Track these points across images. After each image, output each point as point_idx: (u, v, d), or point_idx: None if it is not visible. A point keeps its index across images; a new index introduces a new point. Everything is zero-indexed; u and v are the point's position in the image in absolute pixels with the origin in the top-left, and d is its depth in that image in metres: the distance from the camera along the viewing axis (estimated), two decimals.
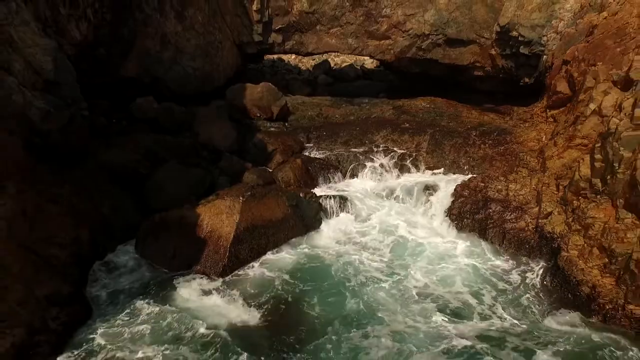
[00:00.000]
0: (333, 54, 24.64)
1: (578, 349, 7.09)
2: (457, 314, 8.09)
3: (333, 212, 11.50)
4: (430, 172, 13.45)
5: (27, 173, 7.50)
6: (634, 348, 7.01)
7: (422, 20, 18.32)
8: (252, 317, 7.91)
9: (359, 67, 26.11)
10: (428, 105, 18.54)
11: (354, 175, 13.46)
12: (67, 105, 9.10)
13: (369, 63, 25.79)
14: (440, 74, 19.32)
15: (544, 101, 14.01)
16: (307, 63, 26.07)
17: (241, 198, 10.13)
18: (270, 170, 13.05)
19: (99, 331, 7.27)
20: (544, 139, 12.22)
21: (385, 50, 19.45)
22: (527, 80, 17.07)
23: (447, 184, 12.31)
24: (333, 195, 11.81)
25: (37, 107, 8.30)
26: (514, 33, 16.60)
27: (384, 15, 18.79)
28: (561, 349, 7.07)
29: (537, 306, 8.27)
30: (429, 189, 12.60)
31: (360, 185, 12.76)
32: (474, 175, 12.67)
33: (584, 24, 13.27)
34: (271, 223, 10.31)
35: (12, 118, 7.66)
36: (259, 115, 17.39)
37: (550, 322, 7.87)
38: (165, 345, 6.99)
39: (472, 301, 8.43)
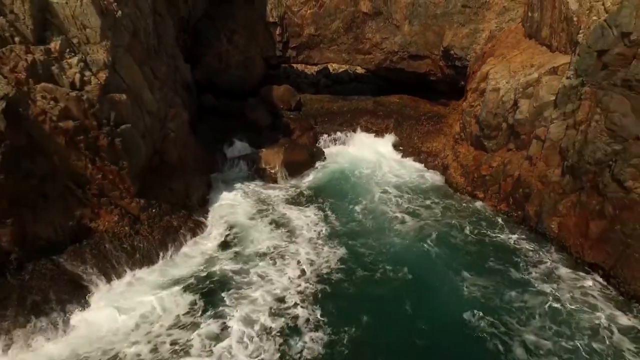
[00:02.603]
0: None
1: (442, 198, 17.36)
2: (394, 189, 18.33)
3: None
4: (391, 140, 24.08)
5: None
6: (471, 204, 17.11)
7: (392, 42, 29.07)
8: (292, 195, 18.22)
9: (351, 72, 36.73)
10: (398, 100, 29.30)
11: (343, 143, 24.09)
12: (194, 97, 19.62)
13: (360, 69, 36.34)
14: (406, 78, 30.03)
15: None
16: (311, 69, 36.66)
17: (283, 148, 20.72)
18: (294, 138, 23.64)
19: (223, 202, 17.37)
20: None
21: (369, 62, 30.22)
22: (462, 83, 27.70)
23: (401, 146, 22.92)
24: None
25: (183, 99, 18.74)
26: (452, 52, 27.30)
27: (367, 38, 29.56)
28: (435, 199, 17.33)
29: (435, 189, 18.51)
30: (392, 147, 23.22)
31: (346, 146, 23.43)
32: (419, 142, 23.27)
33: (485, 49, 23.97)
34: (298, 161, 20.88)
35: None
36: (282, 106, 28.03)
37: (434, 193, 18.10)
38: (257, 207, 17.10)
39: (404, 190, 18.66)
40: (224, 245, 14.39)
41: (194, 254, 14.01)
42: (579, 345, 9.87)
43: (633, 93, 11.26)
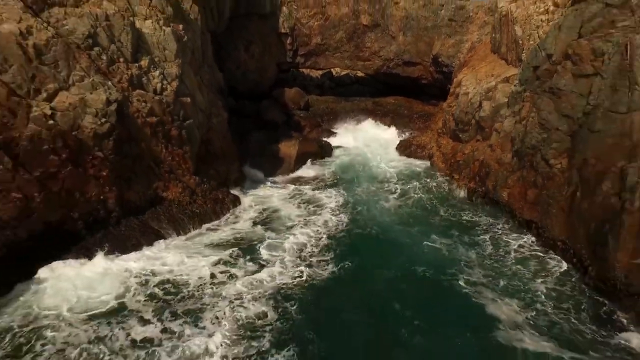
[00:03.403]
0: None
1: (427, 179, 22.40)
2: (390, 172, 23.41)
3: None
4: (388, 134, 29.22)
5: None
6: (449, 183, 22.06)
7: (389, 50, 34.27)
8: (310, 181, 23.21)
9: (353, 76, 41.90)
10: (394, 101, 34.52)
11: (348, 135, 29.23)
12: (225, 100, 24.68)
13: (360, 73, 41.49)
14: (402, 82, 35.24)
15: None
16: (317, 72, 41.81)
17: (297, 141, 25.83)
18: (305, 134, 28.75)
19: (251, 183, 22.46)
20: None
21: (368, 68, 35.42)
22: (449, 86, 32.84)
23: (396, 139, 28.04)
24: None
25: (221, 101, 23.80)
26: (440, 59, 32.50)
27: (367, 47, 34.76)
28: (422, 181, 22.35)
29: (423, 174, 23.53)
30: (388, 142, 28.33)
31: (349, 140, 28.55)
32: (410, 136, 28.40)
33: (466, 57, 29.11)
34: (310, 152, 25.98)
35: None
36: (293, 107, 33.19)
37: (422, 176, 23.18)
38: (281, 197, 22.12)
39: (395, 177, 23.74)
40: (256, 213, 19.41)
41: (234, 219, 19.03)
42: (506, 271, 14.81)
43: (555, 97, 16.28)
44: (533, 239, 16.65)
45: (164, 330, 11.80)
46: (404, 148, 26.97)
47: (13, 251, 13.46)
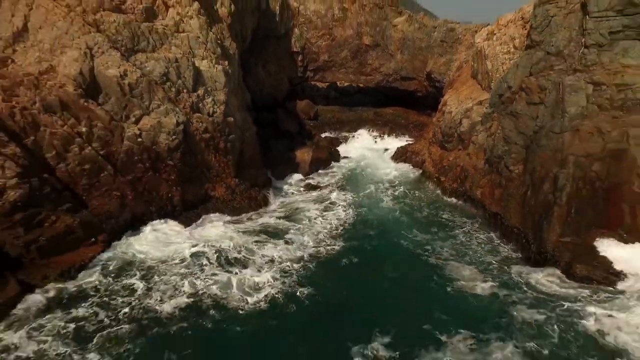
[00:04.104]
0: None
1: (402, 187, 28.05)
2: (388, 175, 29.10)
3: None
4: (387, 142, 34.94)
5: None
6: (436, 184, 27.69)
7: (388, 66, 40.01)
8: (322, 183, 28.84)
9: (355, 86, 47.59)
10: (392, 112, 40.28)
11: (353, 143, 34.94)
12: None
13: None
14: (399, 94, 40.98)
15: None
16: (323, 83, 47.46)
17: (311, 149, 31.57)
18: (316, 141, 34.46)
19: (276, 186, 28.09)
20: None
21: (370, 82, 41.14)
22: (440, 98, 38.55)
23: (394, 146, 33.74)
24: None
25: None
26: (433, 75, 38.24)
27: (369, 64, 40.49)
28: (414, 184, 28.05)
29: (415, 178, 29.22)
30: (388, 149, 34.03)
31: (354, 147, 34.26)
32: (407, 144, 34.10)
33: (454, 76, 34.80)
34: (321, 158, 31.71)
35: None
36: (304, 117, 38.91)
37: (416, 182, 28.86)
38: (300, 187, 27.81)
39: (387, 182, 29.36)
40: (281, 208, 25.01)
41: (264, 212, 24.65)
42: (469, 250, 20.40)
43: (514, 118, 21.93)
44: (497, 233, 22.16)
45: (225, 270, 17.55)
46: (400, 154, 32.67)
47: (113, 235, 19.11)
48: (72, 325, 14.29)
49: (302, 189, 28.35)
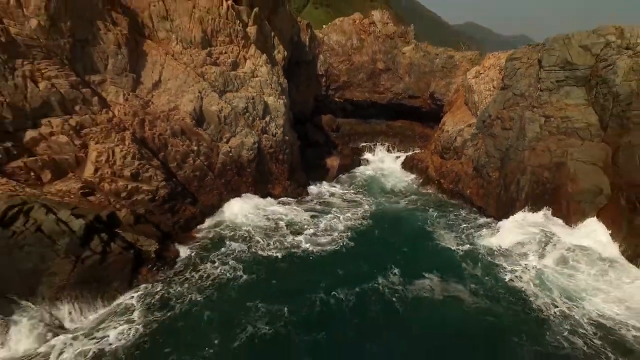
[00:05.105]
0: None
1: (412, 187, 37.85)
2: (386, 184, 38.93)
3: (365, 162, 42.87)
4: (397, 152, 44.84)
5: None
6: (436, 186, 37.48)
7: (398, 87, 49.91)
8: (347, 186, 38.60)
9: (368, 100, 57.33)
10: (401, 125, 50.20)
11: (369, 152, 44.84)
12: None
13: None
14: (407, 110, 50.89)
15: None
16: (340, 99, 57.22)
17: (339, 156, 41.47)
18: (340, 149, 44.35)
19: (312, 185, 37.81)
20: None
21: (382, 99, 51.05)
22: (441, 114, 48.42)
23: (404, 155, 43.57)
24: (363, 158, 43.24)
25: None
26: (435, 95, 48.19)
27: (382, 84, 50.39)
28: (410, 189, 37.81)
29: (420, 182, 38.92)
30: (399, 157, 43.90)
31: (371, 155, 44.14)
32: (413, 153, 43.95)
33: (452, 97, 44.66)
34: (346, 164, 41.65)
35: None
36: (327, 129, 48.76)
37: (422, 183, 38.58)
38: (332, 188, 37.57)
39: (398, 182, 39.15)
40: (318, 203, 34.70)
41: (305, 202, 34.38)
42: (454, 224, 30.11)
43: (493, 138, 31.77)
44: (477, 216, 31.97)
45: (284, 236, 27.23)
46: (409, 162, 42.51)
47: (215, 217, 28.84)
48: (227, 258, 23.92)
49: (332, 188, 38.17)
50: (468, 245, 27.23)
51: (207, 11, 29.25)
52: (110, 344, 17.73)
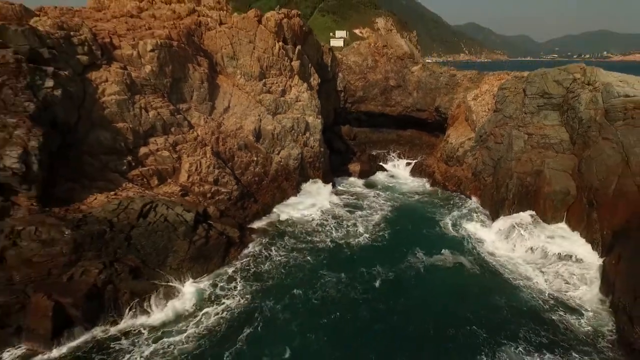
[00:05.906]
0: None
1: (422, 188, 46.91)
2: (400, 186, 48.00)
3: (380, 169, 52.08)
4: (407, 159, 54.09)
5: None
6: (442, 189, 46.52)
7: (408, 101, 59.25)
8: (367, 187, 47.64)
9: (380, 111, 66.43)
10: (410, 134, 59.61)
11: (384, 158, 54.07)
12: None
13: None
14: (415, 121, 60.16)
15: None
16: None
17: (359, 162, 50.69)
18: (358, 156, 53.55)
19: (337, 184, 46.83)
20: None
21: (393, 111, 60.41)
22: (445, 125, 57.62)
23: (413, 161, 52.77)
24: (380, 164, 52.46)
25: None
26: (440, 109, 57.53)
27: (393, 98, 59.73)
28: (420, 190, 46.86)
29: (428, 186, 47.93)
30: (409, 164, 53.10)
31: (386, 161, 53.38)
32: (421, 159, 53.14)
33: (454, 112, 53.83)
34: (365, 169, 50.89)
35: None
36: (346, 138, 57.93)
37: (430, 185, 47.61)
38: (355, 188, 46.57)
39: (410, 184, 48.17)
40: (344, 200, 43.66)
41: (335, 195, 43.39)
42: (453, 210, 39.13)
43: (488, 150, 40.87)
44: (473, 206, 41.07)
45: (324, 224, 36.25)
46: (417, 168, 51.58)
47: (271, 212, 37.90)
48: (288, 242, 32.91)
49: (354, 189, 47.33)
50: (467, 231, 36.53)
51: (263, 51, 38.29)
52: (231, 293, 27.11)
